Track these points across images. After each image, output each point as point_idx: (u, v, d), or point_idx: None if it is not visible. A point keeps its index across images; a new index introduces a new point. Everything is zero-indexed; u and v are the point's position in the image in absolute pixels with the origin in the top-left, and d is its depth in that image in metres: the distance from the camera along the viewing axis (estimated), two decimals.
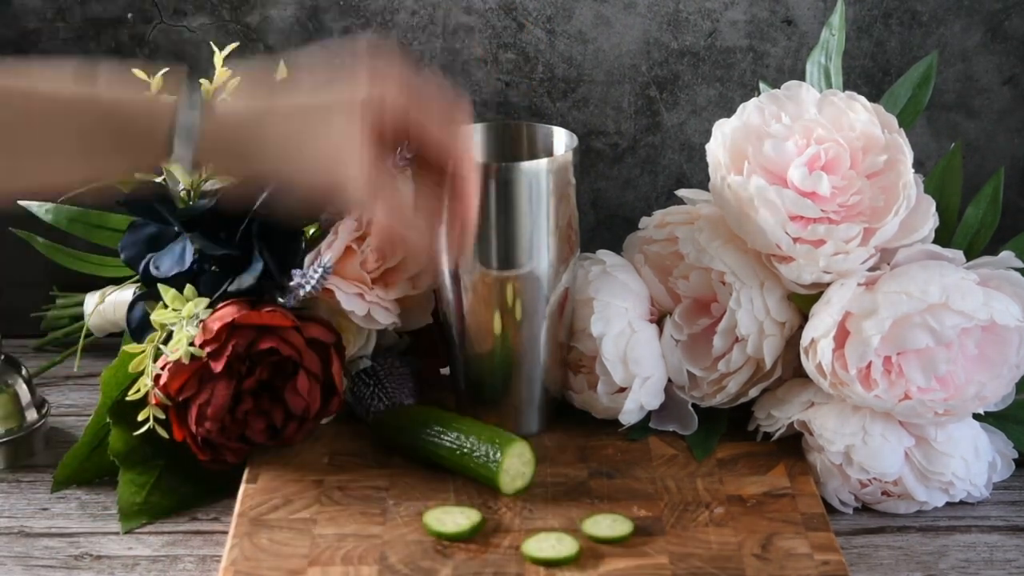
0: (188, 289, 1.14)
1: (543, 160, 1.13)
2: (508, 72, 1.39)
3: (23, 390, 1.23)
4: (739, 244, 1.16)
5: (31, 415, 1.23)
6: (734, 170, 1.14)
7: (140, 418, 1.13)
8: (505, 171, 1.12)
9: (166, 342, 1.13)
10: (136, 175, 1.09)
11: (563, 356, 1.19)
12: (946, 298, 1.08)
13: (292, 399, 1.14)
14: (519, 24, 1.38)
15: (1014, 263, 1.13)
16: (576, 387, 1.20)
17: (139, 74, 1.20)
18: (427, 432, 1.14)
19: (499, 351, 1.16)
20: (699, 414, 1.19)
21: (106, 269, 1.31)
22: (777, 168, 1.13)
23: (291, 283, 1.13)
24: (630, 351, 1.16)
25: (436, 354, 1.24)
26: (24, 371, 1.24)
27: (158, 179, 1.19)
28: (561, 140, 1.17)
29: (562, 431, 1.19)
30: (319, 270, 1.13)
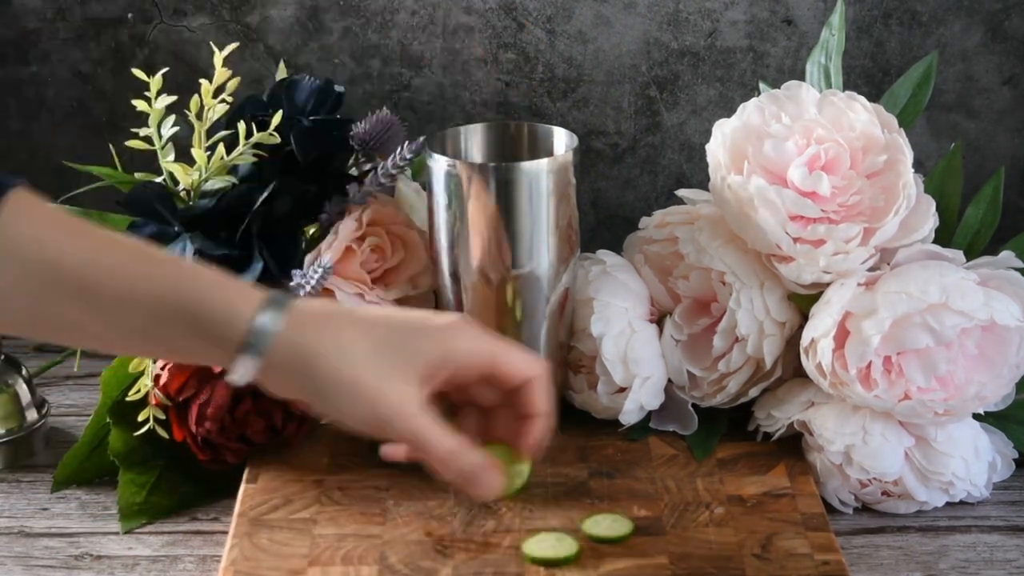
0: None
1: (543, 160, 1.13)
2: (508, 72, 1.39)
3: (23, 390, 1.23)
4: (739, 244, 1.16)
5: (31, 415, 1.23)
6: (734, 170, 1.14)
7: (140, 418, 1.13)
8: (505, 171, 1.11)
9: None
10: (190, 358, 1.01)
11: (563, 356, 1.19)
12: (946, 298, 1.08)
13: None
14: (519, 24, 1.38)
15: (1014, 263, 1.13)
16: (576, 387, 1.20)
17: (139, 74, 1.20)
18: None
19: None
20: (699, 414, 1.19)
21: None
22: (777, 168, 1.13)
23: (291, 283, 1.13)
24: (630, 351, 1.16)
25: None
26: (24, 371, 1.24)
27: (158, 179, 1.19)
28: (561, 140, 1.17)
29: (562, 431, 1.19)
30: (319, 270, 1.13)
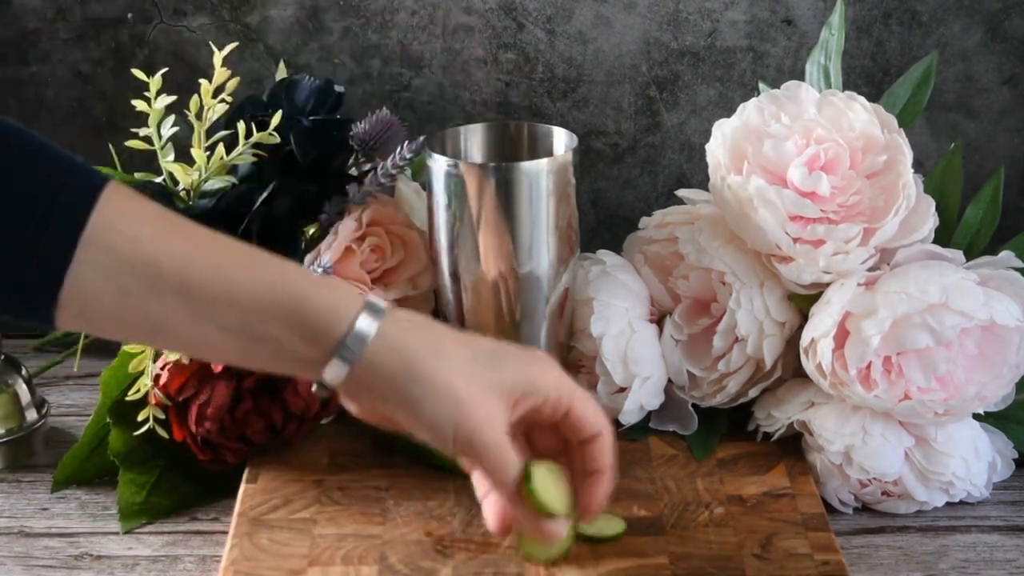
0: None
1: (543, 160, 1.13)
2: (508, 72, 1.39)
3: (23, 390, 1.23)
4: (739, 244, 1.16)
5: (31, 415, 1.23)
6: (734, 170, 1.14)
7: (140, 418, 1.13)
8: (505, 171, 1.11)
9: None
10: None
11: (563, 356, 1.19)
12: (946, 298, 1.08)
13: (292, 399, 1.14)
14: (519, 24, 1.38)
15: (1014, 263, 1.13)
16: None
17: (139, 74, 1.20)
18: None
19: None
20: (699, 414, 1.19)
21: None
22: (777, 168, 1.13)
23: None
24: (630, 351, 1.16)
25: None
26: (24, 371, 1.24)
27: (157, 179, 1.19)
28: (561, 140, 1.17)
29: None
30: (319, 270, 1.13)
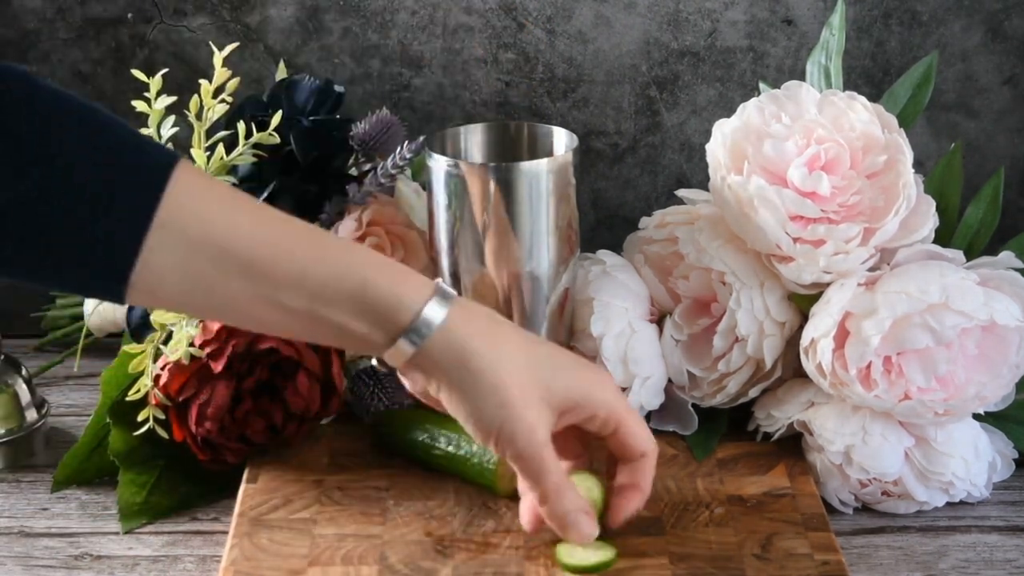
0: None
1: (543, 160, 1.12)
2: (508, 72, 1.39)
3: (23, 390, 1.23)
4: (739, 244, 1.16)
5: (31, 415, 1.23)
6: (734, 170, 1.14)
7: (140, 418, 1.13)
8: (505, 171, 1.11)
9: (166, 342, 1.13)
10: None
11: None
12: (946, 298, 1.08)
13: (292, 399, 1.14)
14: (519, 24, 1.38)
15: (1014, 263, 1.13)
16: None
17: (138, 74, 1.20)
18: (423, 435, 1.14)
19: None
20: (699, 414, 1.19)
21: None
22: (777, 168, 1.13)
23: None
24: (630, 351, 1.16)
25: None
26: (24, 371, 1.24)
27: None
28: (561, 140, 1.17)
29: None
30: None
